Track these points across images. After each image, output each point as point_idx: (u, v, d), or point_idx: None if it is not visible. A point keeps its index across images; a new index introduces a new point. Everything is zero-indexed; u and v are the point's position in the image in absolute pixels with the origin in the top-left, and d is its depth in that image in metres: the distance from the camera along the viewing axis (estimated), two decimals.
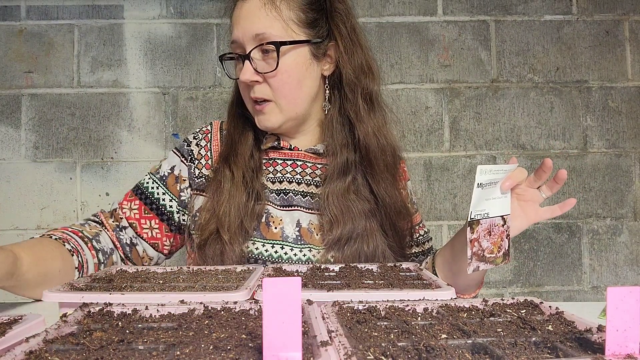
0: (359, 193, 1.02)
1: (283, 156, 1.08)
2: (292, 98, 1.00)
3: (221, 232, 0.97)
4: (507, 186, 0.83)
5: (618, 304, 0.43)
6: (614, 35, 1.97)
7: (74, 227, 1.03)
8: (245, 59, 0.97)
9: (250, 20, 0.96)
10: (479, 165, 0.81)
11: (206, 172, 1.08)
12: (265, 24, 0.96)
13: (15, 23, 1.90)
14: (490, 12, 1.96)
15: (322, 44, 1.01)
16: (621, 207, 1.95)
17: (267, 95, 0.99)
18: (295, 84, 0.99)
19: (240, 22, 0.98)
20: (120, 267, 0.87)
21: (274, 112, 1.01)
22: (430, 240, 1.18)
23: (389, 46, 1.95)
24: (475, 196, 0.81)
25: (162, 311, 0.58)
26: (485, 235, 0.84)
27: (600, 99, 1.96)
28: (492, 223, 0.84)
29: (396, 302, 0.61)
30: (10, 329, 0.51)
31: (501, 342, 0.47)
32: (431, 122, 1.95)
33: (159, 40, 1.93)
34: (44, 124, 1.90)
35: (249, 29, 0.96)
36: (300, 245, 0.99)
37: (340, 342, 0.45)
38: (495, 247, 0.85)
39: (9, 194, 1.89)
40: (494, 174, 0.83)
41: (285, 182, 1.06)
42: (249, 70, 0.96)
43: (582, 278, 1.94)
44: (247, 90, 1.01)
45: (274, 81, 0.97)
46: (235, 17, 0.99)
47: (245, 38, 0.97)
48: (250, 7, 0.97)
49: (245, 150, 1.04)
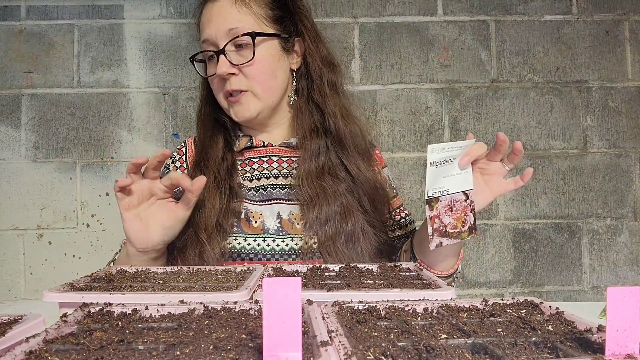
0: (334, 174, 1.06)
1: (258, 154, 1.12)
2: (268, 86, 1.06)
3: (199, 234, 0.99)
4: (466, 162, 0.85)
5: (618, 304, 0.43)
6: (614, 35, 1.97)
7: None
8: (219, 54, 1.02)
9: (223, 17, 1.03)
10: (429, 144, 0.84)
11: None
12: (237, 18, 1.02)
13: (15, 23, 1.90)
14: (490, 12, 1.96)
15: (289, 39, 1.09)
16: (621, 207, 1.95)
17: (243, 85, 1.04)
18: (270, 73, 1.05)
19: (212, 21, 1.04)
20: (120, 267, 0.87)
21: (252, 100, 1.06)
22: (413, 223, 1.20)
23: (389, 46, 1.95)
24: (429, 175, 0.84)
25: (162, 311, 0.58)
26: (446, 211, 0.86)
27: (600, 99, 1.96)
28: (453, 199, 0.86)
29: (396, 302, 0.61)
30: (10, 329, 0.51)
31: (501, 342, 0.47)
32: (431, 122, 1.95)
33: (159, 40, 1.93)
34: (44, 124, 1.90)
35: (222, 26, 1.02)
36: (282, 236, 1.02)
37: (340, 342, 0.45)
38: (458, 222, 0.87)
39: (9, 194, 1.89)
40: (448, 152, 0.85)
41: (263, 178, 1.10)
42: (225, 64, 1.02)
43: (582, 278, 1.94)
44: (222, 84, 1.06)
45: (250, 70, 1.03)
46: (206, 18, 1.05)
47: (219, 35, 1.03)
48: (221, 6, 1.03)
49: (216, 153, 1.09)
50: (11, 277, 1.88)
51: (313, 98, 1.11)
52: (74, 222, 1.90)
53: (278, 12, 1.07)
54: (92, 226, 1.90)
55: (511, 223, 1.94)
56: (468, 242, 1.93)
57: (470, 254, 1.93)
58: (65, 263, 1.89)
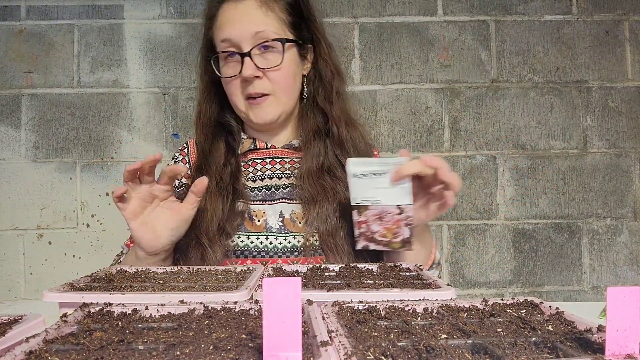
0: (332, 172, 1.09)
1: (262, 155, 1.14)
2: (290, 92, 1.08)
3: (200, 238, 1.00)
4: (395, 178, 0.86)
5: (618, 304, 0.43)
6: (614, 35, 1.97)
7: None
8: (245, 56, 1.01)
9: (249, 20, 1.02)
10: (349, 158, 0.89)
11: (185, 181, 1.13)
12: (264, 21, 1.02)
13: (15, 23, 1.90)
14: (490, 12, 1.96)
15: (305, 45, 1.11)
16: (621, 207, 1.95)
17: (266, 89, 1.04)
18: (292, 79, 1.07)
19: (236, 22, 1.02)
20: (120, 267, 0.87)
21: (273, 104, 1.06)
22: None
23: (389, 46, 1.95)
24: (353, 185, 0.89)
25: (162, 311, 0.58)
26: (375, 219, 0.89)
27: (600, 99, 1.96)
28: (384, 210, 0.88)
29: (396, 302, 0.61)
30: (10, 329, 0.51)
31: (501, 342, 0.47)
32: (431, 122, 1.95)
33: (159, 40, 1.93)
34: (44, 124, 1.90)
35: (248, 28, 1.02)
36: (284, 234, 1.04)
37: (340, 342, 0.45)
38: (388, 233, 0.89)
39: (9, 194, 1.89)
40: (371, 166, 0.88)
41: (266, 178, 1.11)
42: (251, 67, 1.01)
43: (582, 278, 1.94)
44: (242, 86, 1.05)
45: (275, 75, 1.04)
46: (227, 18, 1.04)
47: (243, 36, 1.02)
48: (247, 8, 1.03)
49: (218, 159, 1.09)
50: (11, 277, 1.88)
51: (318, 103, 1.13)
52: (74, 222, 1.90)
53: (295, 18, 1.08)
54: (92, 226, 1.90)
55: (511, 223, 1.94)
56: (468, 242, 1.93)
57: (470, 254, 1.93)
58: (65, 263, 1.89)
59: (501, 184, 1.94)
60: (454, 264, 1.93)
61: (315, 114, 1.13)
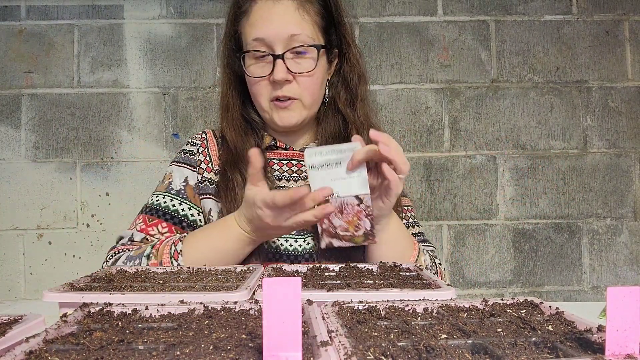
0: None
1: (279, 156, 1.12)
2: (316, 97, 1.06)
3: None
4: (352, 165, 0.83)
5: (618, 304, 0.43)
6: (614, 35, 1.97)
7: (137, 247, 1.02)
8: (277, 58, 0.99)
9: (286, 21, 1.00)
10: (307, 148, 0.84)
11: (208, 175, 1.10)
12: (300, 25, 1.00)
13: (15, 23, 1.90)
14: (490, 12, 1.96)
15: (332, 50, 1.09)
16: (621, 207, 1.95)
17: (295, 93, 1.03)
18: (319, 85, 1.06)
19: (272, 21, 1.00)
20: (120, 267, 0.87)
21: (299, 109, 1.05)
22: (416, 227, 1.18)
23: (389, 46, 1.95)
24: (311, 178, 0.84)
25: (162, 311, 0.58)
26: (336, 214, 0.85)
27: (600, 99, 1.96)
28: (344, 202, 0.85)
29: (396, 302, 0.61)
30: (10, 329, 0.51)
31: (501, 342, 0.47)
32: (431, 122, 1.95)
33: (159, 40, 1.93)
34: (44, 124, 1.90)
35: (284, 29, 0.99)
36: (303, 236, 1.05)
37: (340, 342, 0.45)
38: (350, 226, 0.85)
39: (9, 194, 1.89)
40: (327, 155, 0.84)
41: (283, 180, 1.11)
42: (284, 70, 0.99)
43: (582, 278, 1.94)
44: (270, 88, 1.03)
45: (305, 80, 1.02)
46: (264, 16, 1.01)
47: (278, 38, 0.99)
48: (285, 9, 1.00)
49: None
50: (11, 277, 1.88)
51: (339, 107, 1.10)
52: (74, 222, 1.90)
53: (327, 22, 1.07)
54: (92, 226, 1.90)
55: (511, 223, 1.94)
56: (468, 242, 1.93)
57: (470, 254, 1.93)
58: (65, 263, 1.89)
59: (501, 184, 1.95)
60: (454, 264, 1.93)
61: (336, 118, 1.11)
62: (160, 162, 1.91)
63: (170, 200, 1.08)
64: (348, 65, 1.10)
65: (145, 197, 1.87)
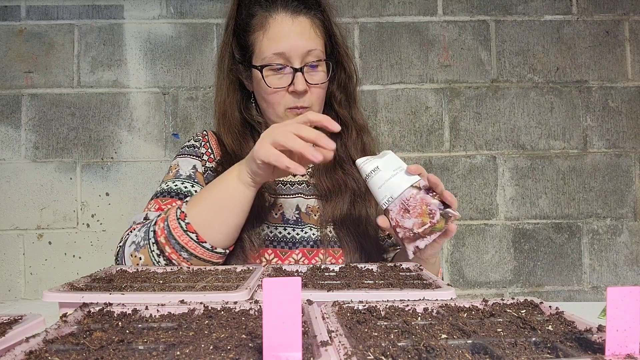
0: (343, 167, 1.16)
1: None
2: (322, 104, 1.16)
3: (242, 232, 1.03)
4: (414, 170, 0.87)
5: (618, 304, 0.43)
6: (614, 35, 1.97)
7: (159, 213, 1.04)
8: (297, 71, 1.08)
9: (305, 38, 1.08)
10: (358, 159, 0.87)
11: (209, 164, 1.16)
12: (315, 41, 1.10)
13: (15, 23, 1.90)
14: (490, 12, 1.96)
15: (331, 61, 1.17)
16: (621, 207, 1.95)
17: (309, 103, 1.11)
18: (324, 94, 1.16)
19: (292, 37, 1.07)
20: (120, 267, 0.87)
21: None
22: None
23: (389, 46, 1.95)
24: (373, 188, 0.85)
25: (162, 311, 0.58)
26: (403, 215, 0.81)
27: (600, 99, 1.96)
28: (404, 199, 0.81)
29: (396, 302, 0.61)
30: (10, 329, 0.51)
31: (501, 342, 0.47)
32: (431, 122, 1.95)
33: (159, 40, 1.93)
34: (44, 124, 1.90)
35: (302, 45, 1.07)
36: (300, 226, 1.11)
37: (340, 342, 0.45)
38: (424, 217, 0.81)
39: (9, 194, 1.89)
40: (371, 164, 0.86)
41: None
42: (303, 82, 1.08)
43: (582, 278, 1.94)
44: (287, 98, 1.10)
45: (317, 91, 1.12)
46: (285, 31, 1.08)
47: (297, 52, 1.07)
48: (302, 25, 1.09)
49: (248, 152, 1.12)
50: (11, 277, 1.88)
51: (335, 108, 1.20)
52: (74, 222, 1.90)
53: (326, 37, 1.15)
54: (92, 226, 1.90)
55: (511, 223, 1.94)
56: (468, 242, 1.93)
57: (470, 254, 1.93)
58: (65, 263, 1.89)
59: (501, 184, 1.95)
60: (454, 264, 1.93)
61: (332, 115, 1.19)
62: (161, 162, 1.91)
63: (181, 183, 1.11)
64: (345, 73, 1.19)
65: (145, 197, 1.89)
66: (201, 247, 0.93)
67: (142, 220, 1.05)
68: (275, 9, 1.08)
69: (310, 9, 1.11)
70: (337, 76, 1.20)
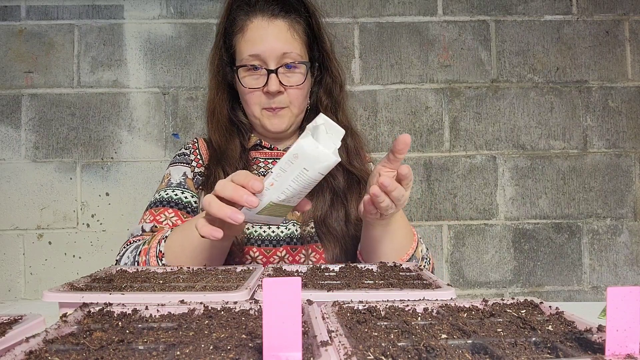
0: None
1: (264, 155, 1.23)
2: (302, 106, 1.19)
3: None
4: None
5: (618, 304, 0.43)
6: (614, 35, 1.97)
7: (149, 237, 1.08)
8: (271, 73, 1.11)
9: (280, 40, 1.11)
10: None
11: (198, 169, 1.21)
12: (291, 44, 1.12)
13: (15, 23, 1.90)
14: (490, 12, 1.96)
15: (314, 64, 1.21)
16: (621, 207, 1.95)
17: (285, 103, 1.15)
18: (305, 96, 1.18)
19: (267, 40, 1.11)
20: (120, 267, 0.87)
21: (288, 116, 1.17)
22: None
23: (389, 46, 1.95)
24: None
25: (162, 311, 0.58)
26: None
27: (600, 99, 1.96)
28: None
29: (396, 302, 0.61)
30: (10, 329, 0.51)
31: (501, 342, 0.47)
32: (431, 122, 1.95)
33: (159, 40, 1.93)
34: (44, 124, 1.90)
35: (277, 47, 1.11)
36: (285, 223, 1.14)
37: (340, 342, 0.45)
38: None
39: (9, 194, 1.89)
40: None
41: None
42: (276, 83, 1.11)
43: (582, 278, 1.94)
44: (262, 98, 1.14)
45: (294, 92, 1.14)
46: (261, 34, 1.12)
47: (272, 55, 1.11)
48: (278, 28, 1.12)
49: (234, 152, 1.18)
50: (11, 277, 1.88)
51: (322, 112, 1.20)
52: (74, 222, 1.90)
53: (310, 39, 1.18)
54: (92, 226, 1.90)
55: (511, 223, 1.94)
56: (468, 242, 1.93)
57: (470, 254, 1.93)
58: (65, 263, 1.89)
59: (501, 184, 1.95)
60: (454, 264, 1.93)
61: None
62: (160, 162, 1.91)
63: (172, 191, 1.17)
64: (330, 77, 1.22)
65: (145, 197, 1.89)
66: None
67: (138, 233, 1.11)
68: (254, 13, 1.14)
69: (290, 13, 1.14)
70: (323, 80, 1.23)
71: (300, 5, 1.16)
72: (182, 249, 0.95)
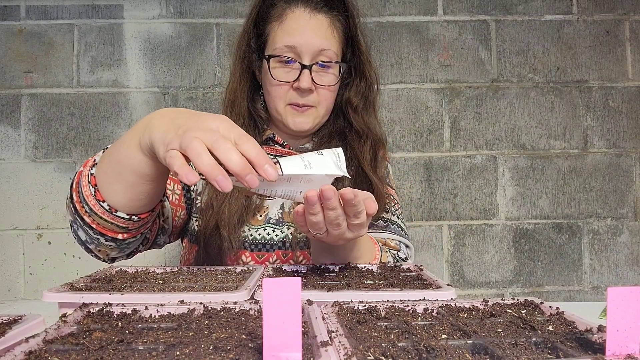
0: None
1: (274, 152, 1.16)
2: (329, 108, 1.14)
3: (220, 228, 1.02)
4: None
5: (618, 304, 0.43)
6: (615, 35, 1.97)
7: None
8: (305, 68, 1.05)
9: (319, 35, 1.06)
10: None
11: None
12: (330, 41, 1.08)
13: (15, 23, 1.90)
14: (490, 12, 1.96)
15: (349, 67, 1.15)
16: (621, 207, 1.95)
17: (313, 102, 1.09)
18: (333, 97, 1.14)
19: (306, 32, 1.06)
20: (120, 267, 0.87)
21: (314, 116, 1.11)
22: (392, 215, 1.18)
23: (389, 46, 1.95)
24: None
25: (162, 311, 0.58)
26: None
27: (601, 99, 1.96)
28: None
29: (396, 302, 0.61)
30: (10, 329, 0.50)
31: (501, 343, 0.47)
32: (431, 122, 1.95)
33: (158, 40, 1.92)
34: (44, 124, 1.90)
35: (316, 42, 1.06)
36: (280, 226, 1.09)
37: (340, 342, 0.45)
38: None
39: (9, 194, 1.88)
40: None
41: None
42: (309, 80, 1.05)
43: (582, 278, 1.94)
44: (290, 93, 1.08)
45: (324, 92, 1.09)
46: (301, 26, 1.06)
47: (309, 49, 1.05)
48: (319, 23, 1.07)
49: None
50: (11, 277, 1.88)
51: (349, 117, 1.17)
52: None
53: (347, 40, 1.14)
54: None
55: (511, 223, 1.94)
56: (468, 242, 1.93)
57: (470, 254, 1.93)
58: (65, 263, 1.89)
59: (501, 184, 1.94)
60: (454, 264, 1.93)
61: (337, 121, 1.18)
62: None
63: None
64: (365, 82, 1.17)
65: None
66: (100, 205, 0.82)
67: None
68: (296, 3, 1.08)
69: (333, 9, 1.09)
70: (355, 83, 1.17)
71: (343, 4, 1.11)
72: (115, 165, 0.79)
